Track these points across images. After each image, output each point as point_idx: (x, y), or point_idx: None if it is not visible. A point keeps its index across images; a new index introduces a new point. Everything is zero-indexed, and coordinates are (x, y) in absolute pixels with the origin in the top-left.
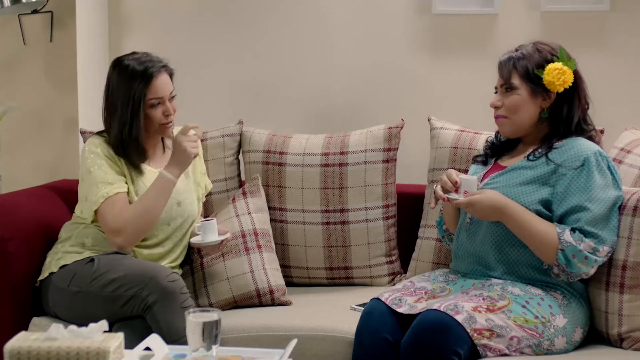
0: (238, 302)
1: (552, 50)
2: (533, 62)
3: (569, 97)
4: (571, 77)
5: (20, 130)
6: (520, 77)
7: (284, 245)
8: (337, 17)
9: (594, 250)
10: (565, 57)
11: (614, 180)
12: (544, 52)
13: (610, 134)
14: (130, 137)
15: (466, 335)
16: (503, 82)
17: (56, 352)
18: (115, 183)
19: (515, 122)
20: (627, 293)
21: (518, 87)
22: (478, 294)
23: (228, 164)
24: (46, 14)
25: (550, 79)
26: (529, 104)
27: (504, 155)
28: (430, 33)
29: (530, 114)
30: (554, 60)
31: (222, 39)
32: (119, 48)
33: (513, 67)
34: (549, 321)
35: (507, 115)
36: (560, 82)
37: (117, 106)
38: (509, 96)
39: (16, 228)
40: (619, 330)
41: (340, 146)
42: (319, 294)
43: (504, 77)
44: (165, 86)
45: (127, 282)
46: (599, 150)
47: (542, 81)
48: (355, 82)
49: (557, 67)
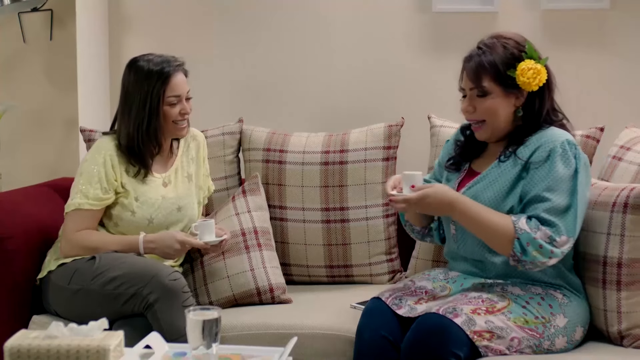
0: (238, 300)
1: (517, 45)
2: (502, 62)
3: (540, 92)
4: (545, 75)
5: (20, 129)
6: (492, 80)
7: (284, 243)
8: (337, 16)
9: (551, 240)
10: (534, 53)
11: (577, 169)
12: (509, 48)
13: (611, 131)
14: (149, 132)
15: (465, 338)
16: (473, 86)
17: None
18: (92, 200)
19: (493, 126)
20: (624, 290)
21: (491, 90)
22: (477, 295)
23: (228, 162)
24: (46, 13)
25: (525, 80)
26: (503, 105)
27: (476, 159)
28: (430, 31)
29: (506, 115)
30: (522, 57)
31: (223, 37)
32: (119, 47)
33: (483, 70)
34: (549, 321)
35: (485, 119)
36: (536, 82)
37: (132, 107)
38: (484, 101)
39: (16, 226)
40: (618, 328)
41: (341, 144)
42: (319, 292)
43: (475, 81)
44: (183, 85)
45: (128, 280)
46: (566, 139)
47: (515, 81)
48: (356, 81)
49: (530, 66)
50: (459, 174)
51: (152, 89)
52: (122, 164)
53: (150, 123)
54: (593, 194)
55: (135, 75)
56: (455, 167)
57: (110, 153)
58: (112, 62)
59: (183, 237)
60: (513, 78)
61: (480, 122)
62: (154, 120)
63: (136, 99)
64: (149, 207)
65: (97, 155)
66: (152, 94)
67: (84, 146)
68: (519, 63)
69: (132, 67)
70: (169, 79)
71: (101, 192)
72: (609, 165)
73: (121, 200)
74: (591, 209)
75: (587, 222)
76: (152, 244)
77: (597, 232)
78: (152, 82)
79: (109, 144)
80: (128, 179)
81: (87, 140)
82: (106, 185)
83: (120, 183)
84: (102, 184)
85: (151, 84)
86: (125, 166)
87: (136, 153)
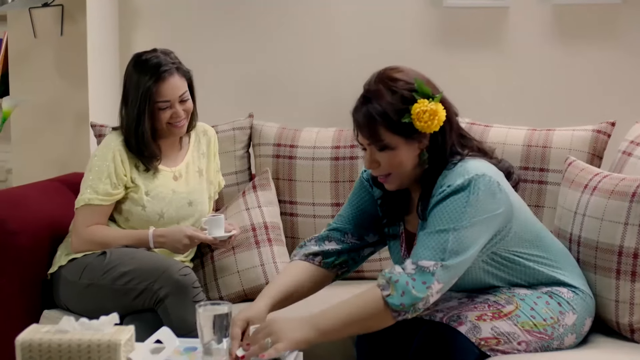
0: (248, 295)
1: (406, 84)
2: (394, 111)
3: (441, 128)
4: (443, 113)
5: (30, 124)
6: (389, 132)
7: (294, 238)
8: (347, 11)
9: (418, 267)
10: (426, 90)
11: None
12: (399, 91)
13: (621, 127)
14: (137, 134)
15: (471, 345)
16: (370, 142)
17: (67, 344)
18: (101, 195)
19: (400, 176)
20: (638, 281)
21: (391, 143)
22: (484, 299)
23: (238, 157)
24: (57, 8)
25: (422, 124)
26: (407, 153)
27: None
28: (441, 26)
29: (411, 161)
30: (415, 98)
31: (232, 32)
32: (129, 42)
33: (377, 124)
34: (557, 321)
35: (391, 172)
36: (435, 124)
37: (129, 100)
38: (386, 155)
39: (27, 221)
40: (630, 320)
41: (351, 139)
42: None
43: (372, 137)
44: (173, 90)
45: (139, 275)
46: (465, 181)
47: (412, 126)
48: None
49: (424, 108)
50: (398, 241)
51: (143, 87)
52: (132, 159)
53: (140, 124)
54: (609, 184)
55: (134, 68)
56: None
57: (119, 148)
58: (123, 57)
59: (192, 232)
60: (411, 124)
61: (386, 174)
62: (144, 120)
63: (131, 93)
64: (159, 202)
65: (106, 150)
66: (143, 92)
67: (94, 141)
68: (412, 106)
69: (132, 62)
70: (159, 83)
71: (111, 188)
72: (619, 160)
73: (131, 195)
74: (608, 198)
75: (603, 211)
76: (162, 237)
77: (613, 221)
78: (144, 79)
79: (117, 139)
80: (138, 174)
81: (98, 135)
82: (116, 181)
83: (130, 178)
84: (111, 179)
85: (142, 81)
86: (135, 161)
87: (139, 148)
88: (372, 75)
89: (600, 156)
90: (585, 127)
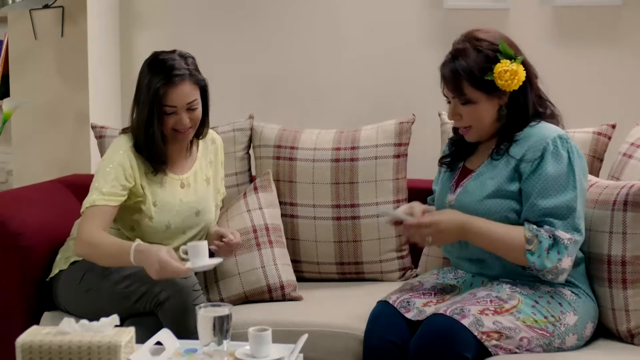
0: (249, 297)
1: (491, 45)
2: (478, 68)
3: (522, 88)
4: (523, 73)
5: (31, 125)
6: (472, 87)
7: (295, 240)
8: (348, 12)
9: (556, 242)
10: (509, 51)
11: (572, 163)
12: (484, 51)
13: (622, 129)
14: (147, 134)
15: (473, 339)
16: (455, 95)
17: (67, 346)
18: (108, 195)
19: (480, 129)
20: (630, 288)
21: (474, 97)
22: (486, 295)
23: (239, 158)
24: (57, 9)
25: (503, 83)
26: (487, 108)
27: (470, 156)
28: (442, 28)
29: (491, 116)
30: (498, 58)
31: (233, 33)
32: (130, 43)
33: (460, 79)
34: (559, 320)
35: (472, 125)
36: (514, 82)
37: (140, 99)
38: (469, 108)
39: (27, 223)
40: (628, 326)
41: (351, 141)
42: (330, 289)
43: (455, 91)
44: (181, 96)
45: (139, 278)
46: (557, 135)
47: (494, 84)
48: (366, 78)
49: (506, 68)
50: (454, 174)
51: (154, 90)
52: (142, 166)
53: (151, 125)
54: (594, 193)
55: (147, 69)
56: (449, 166)
57: (128, 154)
58: (123, 59)
59: (166, 258)
60: (493, 81)
61: (467, 127)
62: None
63: (142, 93)
64: (167, 213)
65: (115, 154)
66: (153, 95)
67: (95, 142)
68: (495, 65)
69: (148, 60)
70: (168, 87)
71: (116, 189)
72: (619, 162)
73: (139, 207)
74: (592, 208)
75: (589, 222)
76: (142, 254)
77: (599, 231)
78: (155, 83)
79: (126, 144)
80: (147, 183)
81: (98, 137)
82: (124, 182)
83: (140, 185)
84: (119, 181)
85: (155, 85)
86: (145, 168)
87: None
88: (462, 34)
89: (600, 158)
90: (585, 129)
